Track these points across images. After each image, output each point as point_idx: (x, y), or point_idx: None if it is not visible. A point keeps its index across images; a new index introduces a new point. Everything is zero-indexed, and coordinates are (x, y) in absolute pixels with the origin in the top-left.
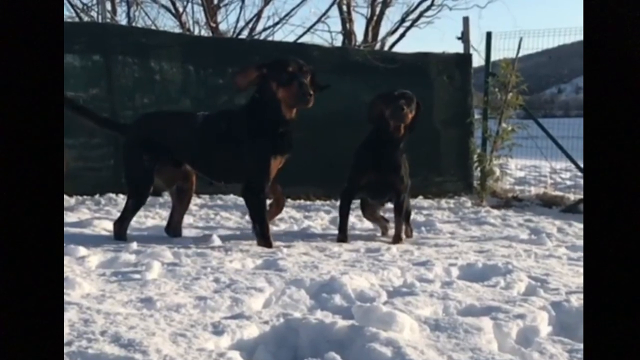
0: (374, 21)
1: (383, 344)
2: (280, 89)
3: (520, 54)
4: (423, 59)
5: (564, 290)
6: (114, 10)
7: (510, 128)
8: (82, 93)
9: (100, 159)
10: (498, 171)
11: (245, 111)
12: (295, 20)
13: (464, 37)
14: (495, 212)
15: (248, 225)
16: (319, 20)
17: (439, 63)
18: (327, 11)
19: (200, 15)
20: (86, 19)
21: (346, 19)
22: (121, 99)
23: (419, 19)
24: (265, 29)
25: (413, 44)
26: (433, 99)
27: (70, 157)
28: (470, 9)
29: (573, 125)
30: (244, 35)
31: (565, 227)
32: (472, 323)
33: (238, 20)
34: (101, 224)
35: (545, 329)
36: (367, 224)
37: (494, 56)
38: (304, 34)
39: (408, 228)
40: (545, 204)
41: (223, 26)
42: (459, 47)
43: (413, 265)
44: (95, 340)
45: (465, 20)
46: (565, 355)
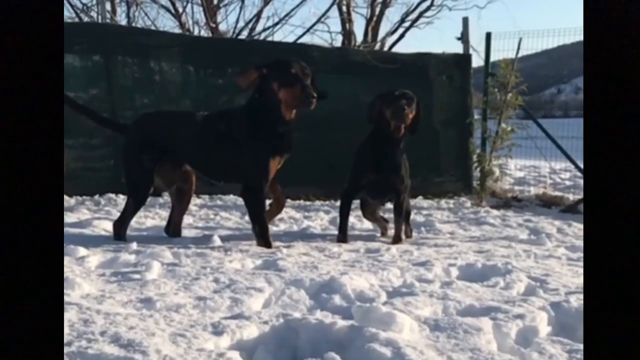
0: (373, 21)
1: (383, 344)
2: (282, 90)
3: (519, 55)
4: (422, 59)
5: (564, 290)
6: (113, 11)
7: (509, 128)
8: (82, 93)
9: (99, 159)
10: (497, 171)
11: (244, 111)
12: (295, 21)
13: (464, 38)
14: (495, 213)
15: (248, 226)
16: (319, 21)
17: (439, 63)
18: (327, 11)
19: (200, 16)
20: (86, 19)
21: (346, 20)
22: (121, 99)
23: (418, 19)
24: (265, 30)
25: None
26: (432, 99)
27: (69, 158)
28: (470, 9)
29: (572, 126)
30: (244, 35)
31: (565, 228)
32: (472, 323)
33: (238, 21)
34: (101, 225)
35: (544, 329)
36: (367, 224)
37: (494, 56)
38: (304, 34)
39: (408, 228)
40: (545, 204)
41: (223, 26)
42: (458, 48)
43: (412, 265)
44: (95, 340)
45: (465, 20)
46: (565, 355)
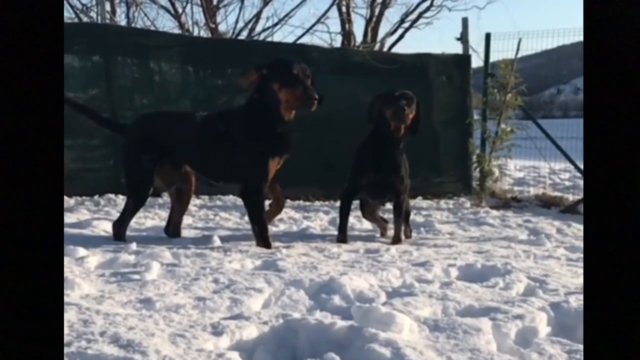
0: (373, 22)
1: (382, 345)
2: (283, 90)
3: (519, 55)
4: (422, 59)
5: (563, 291)
6: (113, 11)
7: (509, 129)
8: (82, 93)
9: (99, 159)
10: (497, 172)
11: (243, 112)
12: (295, 21)
13: (463, 38)
14: (494, 213)
15: (247, 226)
16: (318, 21)
17: (438, 64)
18: (327, 12)
19: (200, 16)
20: (85, 19)
21: (345, 20)
22: (120, 99)
23: (418, 19)
24: (264, 30)
25: (412, 44)
26: (432, 99)
27: (69, 158)
28: (470, 9)
29: (572, 126)
30: (243, 36)
31: (564, 228)
32: (471, 323)
33: (237, 21)
34: (100, 225)
35: (544, 329)
36: (367, 224)
37: (493, 57)
38: (304, 34)
39: (407, 229)
40: (544, 204)
41: (222, 27)
42: (458, 48)
43: (412, 265)
44: (95, 340)
45: (464, 21)
46: (564, 356)
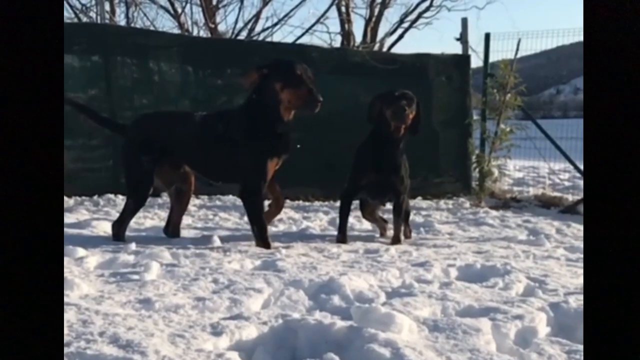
0: (372, 22)
1: (382, 345)
2: (285, 91)
3: (518, 55)
4: (422, 59)
5: (563, 291)
6: (112, 11)
7: (508, 129)
8: (81, 93)
9: (99, 159)
10: (496, 172)
11: (243, 112)
12: (294, 21)
13: (463, 38)
14: (494, 213)
15: (247, 226)
16: (318, 21)
17: (438, 64)
18: (326, 12)
19: (199, 16)
20: (85, 19)
21: (345, 20)
22: (120, 99)
23: (417, 20)
24: (264, 30)
25: (412, 44)
26: (432, 100)
27: (69, 158)
28: (469, 10)
29: (571, 126)
30: (243, 36)
31: (564, 228)
32: (471, 324)
33: (237, 21)
34: (100, 225)
35: (543, 329)
36: (366, 224)
37: (493, 57)
38: (303, 34)
39: (407, 229)
40: (544, 204)
41: (222, 27)
42: (457, 48)
43: (412, 266)
44: (94, 341)
45: (464, 21)
46: (564, 356)
